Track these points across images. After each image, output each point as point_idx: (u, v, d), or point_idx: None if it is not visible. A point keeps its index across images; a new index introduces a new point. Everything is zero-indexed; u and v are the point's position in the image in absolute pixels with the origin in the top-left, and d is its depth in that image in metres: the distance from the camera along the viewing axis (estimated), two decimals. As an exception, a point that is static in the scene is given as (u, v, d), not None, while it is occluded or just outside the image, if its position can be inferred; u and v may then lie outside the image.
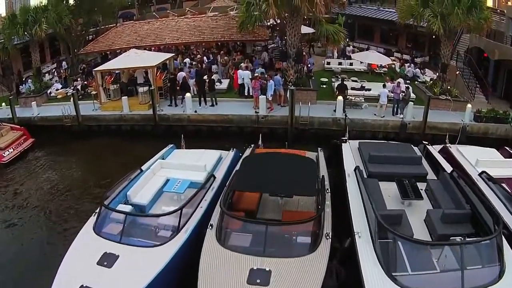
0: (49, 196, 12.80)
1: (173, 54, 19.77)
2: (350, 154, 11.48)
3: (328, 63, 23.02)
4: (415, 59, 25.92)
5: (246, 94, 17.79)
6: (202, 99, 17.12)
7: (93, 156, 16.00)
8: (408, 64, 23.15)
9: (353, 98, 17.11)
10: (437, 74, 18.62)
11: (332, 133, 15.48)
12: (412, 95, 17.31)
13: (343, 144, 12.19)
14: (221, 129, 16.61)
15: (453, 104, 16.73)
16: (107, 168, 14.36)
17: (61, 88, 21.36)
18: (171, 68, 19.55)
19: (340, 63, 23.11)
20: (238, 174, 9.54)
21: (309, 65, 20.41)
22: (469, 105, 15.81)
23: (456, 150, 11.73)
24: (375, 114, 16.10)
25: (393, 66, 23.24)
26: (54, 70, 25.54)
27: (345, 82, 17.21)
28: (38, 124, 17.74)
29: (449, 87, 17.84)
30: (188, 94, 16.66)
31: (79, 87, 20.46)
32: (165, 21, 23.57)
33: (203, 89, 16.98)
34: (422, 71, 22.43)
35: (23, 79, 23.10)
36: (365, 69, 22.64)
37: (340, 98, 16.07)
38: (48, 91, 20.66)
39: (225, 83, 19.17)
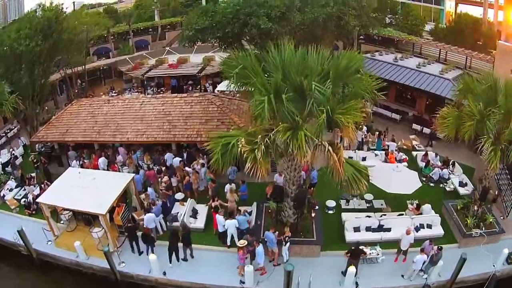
0: None
1: (133, 176, 15.07)
2: None
3: (335, 158, 18.56)
4: (437, 134, 21.84)
5: (229, 244, 13.57)
6: (174, 254, 13.15)
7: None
8: (434, 156, 19.11)
9: (368, 252, 13.05)
10: (474, 198, 14.67)
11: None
12: (441, 232, 14.42)
13: None
14: (198, 292, 12.81)
15: (486, 238, 13.79)
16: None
17: (16, 187, 17.74)
18: (133, 191, 15.12)
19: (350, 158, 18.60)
20: None
21: (312, 180, 16.00)
22: (505, 250, 13.14)
23: None
24: (402, 276, 12.85)
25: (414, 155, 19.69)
26: (11, 150, 20.86)
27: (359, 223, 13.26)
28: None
29: (483, 209, 14.42)
30: (152, 257, 12.59)
31: (30, 197, 16.52)
32: (128, 102, 18.72)
33: (176, 247, 12.94)
34: (450, 169, 18.26)
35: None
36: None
37: (351, 269, 12.01)
38: (1, 194, 17.26)
39: (201, 217, 14.74)
